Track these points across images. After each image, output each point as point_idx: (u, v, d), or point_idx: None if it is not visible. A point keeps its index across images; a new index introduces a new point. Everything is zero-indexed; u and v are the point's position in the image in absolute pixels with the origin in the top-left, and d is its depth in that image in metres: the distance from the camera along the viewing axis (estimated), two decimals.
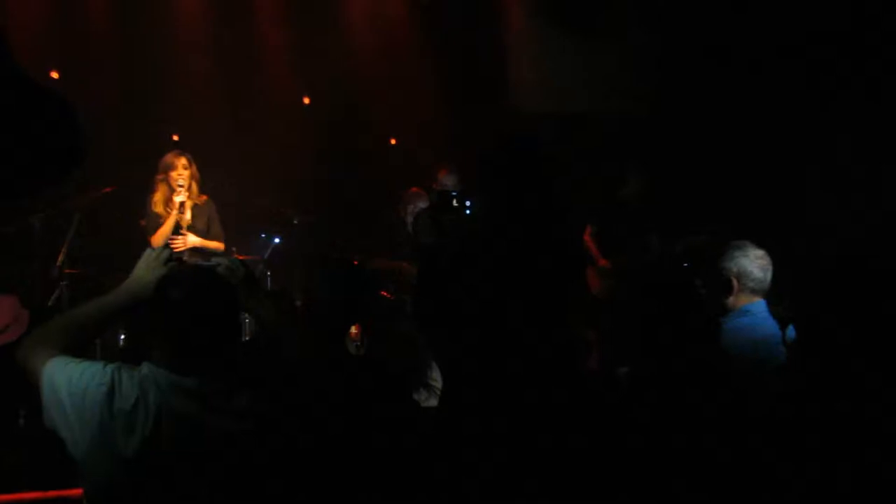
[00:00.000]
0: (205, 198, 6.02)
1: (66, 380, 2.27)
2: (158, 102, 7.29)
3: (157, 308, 2.37)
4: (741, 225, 4.15)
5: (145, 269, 2.54)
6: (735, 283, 3.31)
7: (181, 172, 5.83)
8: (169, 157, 5.88)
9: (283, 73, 7.80)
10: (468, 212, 4.29)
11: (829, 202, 6.03)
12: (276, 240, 6.81)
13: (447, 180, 5.87)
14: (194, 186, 5.93)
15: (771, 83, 6.37)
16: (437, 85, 7.73)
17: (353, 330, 4.67)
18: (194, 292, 2.34)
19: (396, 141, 8.17)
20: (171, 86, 7.34)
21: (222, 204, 6.26)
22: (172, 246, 5.66)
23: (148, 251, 2.60)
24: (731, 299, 3.32)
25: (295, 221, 6.88)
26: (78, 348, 2.40)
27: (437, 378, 4.00)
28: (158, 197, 5.88)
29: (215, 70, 7.51)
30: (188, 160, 5.90)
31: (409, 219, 6.09)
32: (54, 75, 6.60)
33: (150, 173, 5.96)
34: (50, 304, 5.94)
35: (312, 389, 2.64)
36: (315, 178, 7.73)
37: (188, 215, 5.85)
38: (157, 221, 5.84)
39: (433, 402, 3.85)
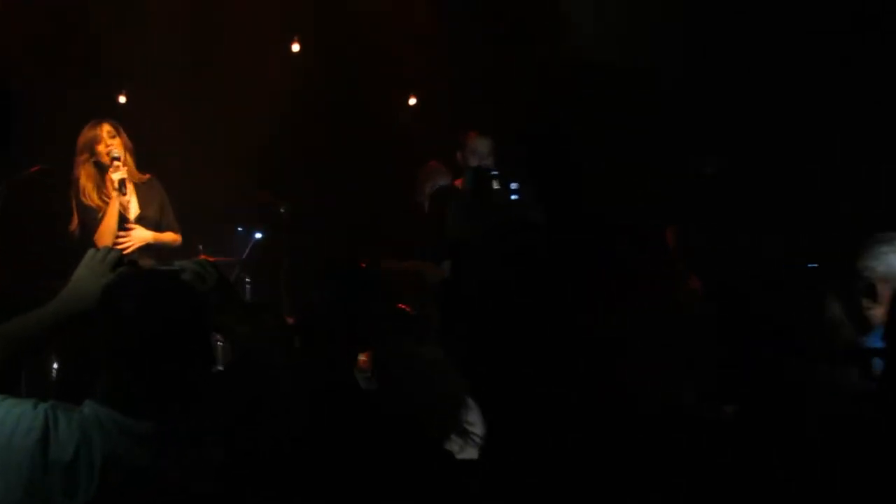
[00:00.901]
0: (148, 176, 6.01)
1: None
2: (102, 52, 7.27)
3: (102, 326, 2.36)
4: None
5: (87, 276, 2.53)
6: (883, 288, 3.26)
7: (109, 142, 5.81)
8: (88, 131, 5.86)
9: (264, 14, 7.81)
10: (514, 196, 4.27)
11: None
12: (258, 235, 6.82)
13: (479, 146, 5.81)
14: (130, 161, 5.90)
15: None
16: (464, 31, 7.71)
17: (362, 357, 4.66)
18: (151, 305, 2.33)
19: (417, 100, 8.15)
20: (118, 30, 7.30)
21: (186, 188, 6.28)
22: (120, 244, 5.65)
23: (91, 252, 2.59)
24: (877, 311, 3.27)
25: (282, 211, 6.89)
26: None
27: (474, 421, 3.97)
28: (87, 183, 5.84)
29: (176, 12, 7.52)
30: (113, 126, 5.88)
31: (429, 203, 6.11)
32: None
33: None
34: None
35: (309, 435, 2.63)
36: (307, 155, 7.74)
37: (133, 202, 5.83)
38: (95, 216, 5.80)
39: (471, 454, 3.83)
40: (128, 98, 7.62)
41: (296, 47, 7.91)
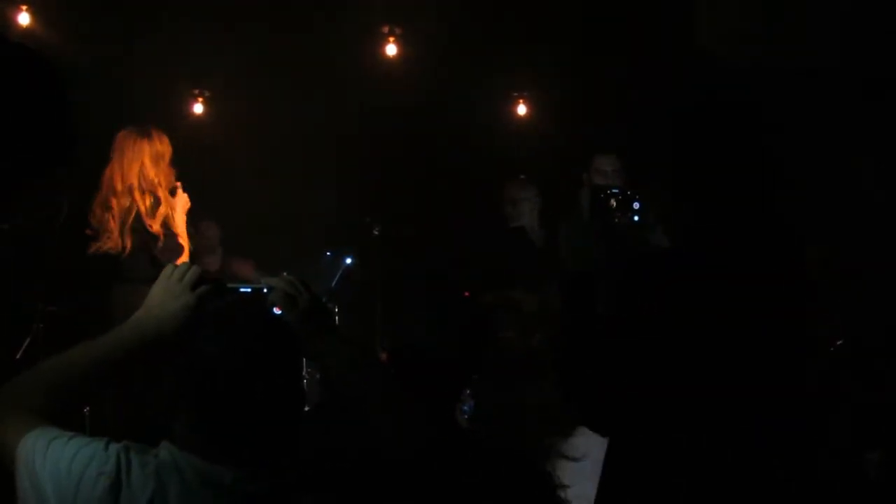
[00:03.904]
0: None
1: (52, 463, 2.26)
2: (179, 52, 7.40)
3: (180, 357, 2.34)
4: None
5: (163, 296, 2.51)
6: None
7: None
8: (160, 142, 5.85)
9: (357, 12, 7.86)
10: (637, 218, 4.27)
11: None
12: (348, 260, 6.84)
13: (604, 164, 5.83)
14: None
15: None
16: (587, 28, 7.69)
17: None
18: (237, 337, 2.31)
19: (530, 106, 8.12)
20: (194, 29, 7.43)
21: (268, 207, 6.33)
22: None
23: (167, 269, 2.56)
24: None
25: (375, 232, 6.91)
26: (60, 417, 2.38)
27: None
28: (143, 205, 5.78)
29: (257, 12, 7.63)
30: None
31: (525, 222, 6.20)
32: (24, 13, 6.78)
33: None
34: (19, 356, 6.07)
35: (407, 482, 2.62)
36: (404, 169, 7.77)
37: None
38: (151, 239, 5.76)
39: None
40: (205, 105, 7.74)
41: (391, 49, 7.93)
